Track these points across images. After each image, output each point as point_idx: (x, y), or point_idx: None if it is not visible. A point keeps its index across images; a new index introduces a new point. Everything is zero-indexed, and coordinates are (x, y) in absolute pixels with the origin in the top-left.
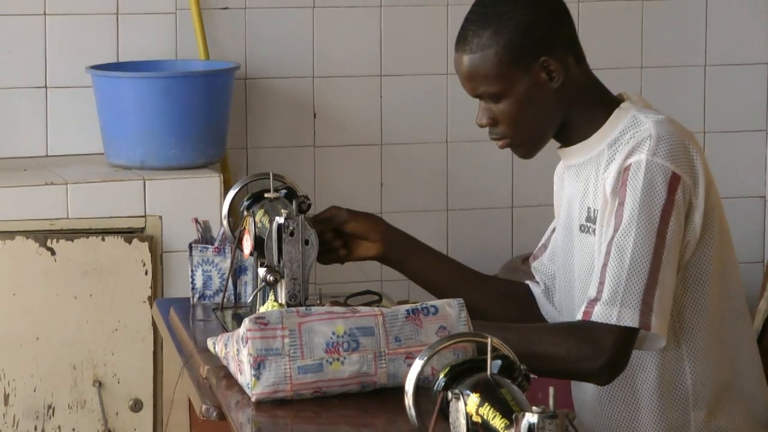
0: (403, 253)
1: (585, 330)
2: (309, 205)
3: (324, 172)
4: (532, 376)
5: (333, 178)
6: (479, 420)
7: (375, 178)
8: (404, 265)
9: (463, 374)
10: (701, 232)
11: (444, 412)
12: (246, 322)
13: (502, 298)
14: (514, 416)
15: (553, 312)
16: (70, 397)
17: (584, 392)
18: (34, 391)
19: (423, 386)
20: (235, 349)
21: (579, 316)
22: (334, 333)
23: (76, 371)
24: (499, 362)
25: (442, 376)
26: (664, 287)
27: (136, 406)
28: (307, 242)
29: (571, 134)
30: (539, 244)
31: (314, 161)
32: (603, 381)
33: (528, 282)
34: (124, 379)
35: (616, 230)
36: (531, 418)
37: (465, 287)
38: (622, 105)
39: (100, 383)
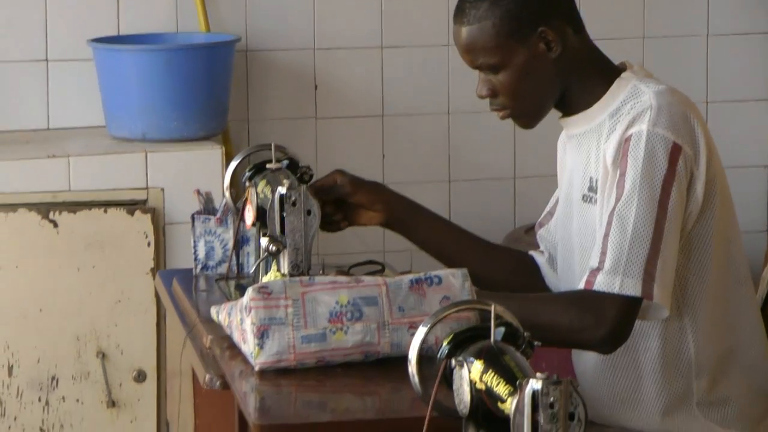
0: (407, 222)
1: (587, 299)
2: (311, 176)
3: (325, 144)
4: (535, 343)
5: (334, 149)
6: (483, 387)
7: (377, 150)
8: (409, 233)
9: (466, 342)
10: (703, 201)
11: (447, 380)
12: (249, 292)
13: (506, 266)
14: (518, 383)
15: (556, 281)
16: (73, 368)
17: (585, 362)
18: (38, 362)
19: (426, 355)
20: (239, 318)
21: (581, 286)
22: (337, 303)
23: (79, 343)
24: (502, 329)
25: (445, 343)
26: (666, 257)
27: (140, 377)
28: (309, 212)
29: (571, 104)
30: (545, 212)
31: (316, 133)
32: (606, 350)
33: (531, 252)
34: (128, 351)
35: (617, 201)
36: (535, 384)
37: (469, 255)
38: (623, 75)
39: (103, 354)
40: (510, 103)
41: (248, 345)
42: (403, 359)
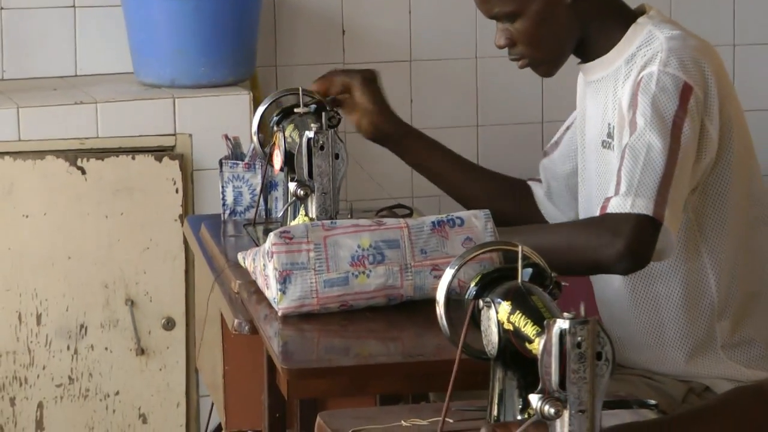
0: (395, 142)
1: (603, 220)
2: (339, 120)
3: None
4: (563, 284)
5: None
6: (511, 327)
7: (405, 95)
8: (402, 155)
9: (493, 283)
10: (719, 145)
11: (475, 321)
12: (271, 237)
13: (501, 193)
14: (545, 323)
15: (554, 212)
16: (102, 316)
17: (609, 307)
18: (66, 310)
19: (450, 298)
20: (262, 264)
21: (597, 212)
22: (359, 246)
23: (107, 290)
24: (530, 270)
25: (473, 284)
26: (678, 186)
27: (169, 324)
28: (337, 156)
29: (589, 50)
30: (552, 141)
31: None
32: (623, 268)
33: (529, 182)
34: (156, 298)
35: (630, 136)
36: (562, 324)
37: (465, 179)
38: (639, 20)
39: (132, 302)
40: (528, 51)
41: (271, 290)
42: (426, 302)
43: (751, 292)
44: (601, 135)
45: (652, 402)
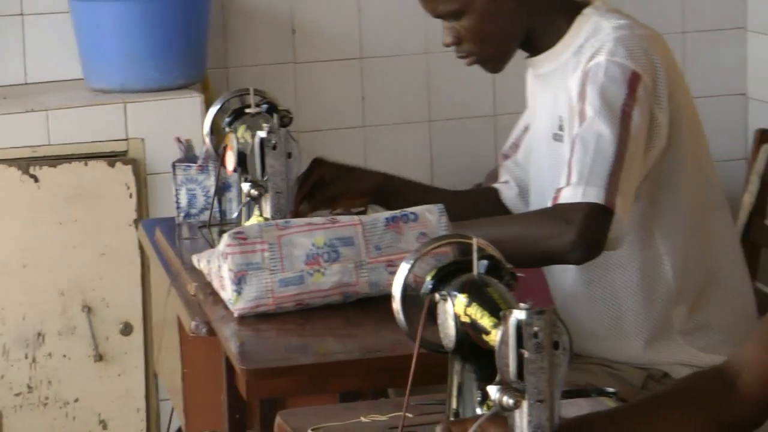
0: (388, 200)
1: (555, 210)
2: (291, 119)
3: (305, 88)
4: (519, 275)
5: (314, 93)
6: (467, 320)
7: (356, 92)
8: (389, 204)
9: (449, 276)
10: (670, 131)
11: (432, 315)
12: (225, 238)
13: (476, 208)
14: (501, 314)
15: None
16: (59, 323)
17: (564, 297)
18: (23, 319)
19: (407, 293)
20: (217, 265)
21: (549, 204)
22: (314, 244)
23: (64, 297)
24: (485, 262)
25: (429, 278)
26: (629, 174)
27: (126, 329)
28: (289, 155)
29: (536, 44)
30: (510, 142)
31: (295, 77)
32: (576, 257)
33: (496, 186)
34: (113, 304)
35: (579, 125)
36: (519, 314)
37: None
38: (584, 11)
39: (89, 308)
40: (475, 48)
41: (227, 291)
42: (382, 299)
43: (706, 277)
44: (552, 128)
45: (611, 390)
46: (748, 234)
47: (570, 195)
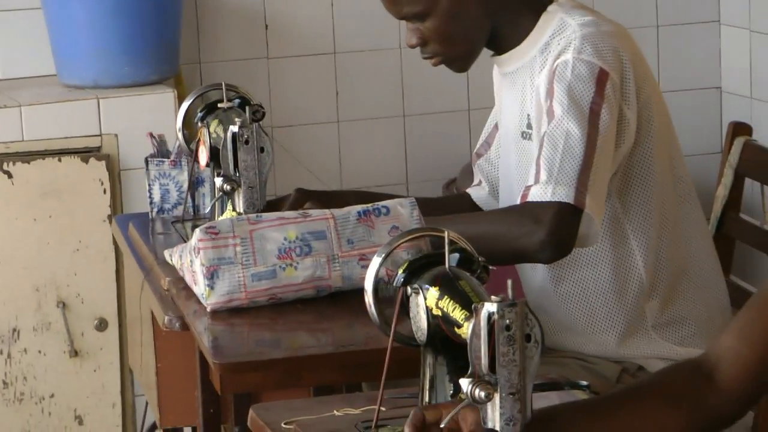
0: None
1: (524, 209)
2: (263, 114)
3: (279, 84)
4: (491, 267)
5: (288, 89)
6: (439, 313)
7: (330, 87)
8: None
9: (421, 269)
10: (639, 128)
11: (404, 308)
12: (197, 233)
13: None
14: (473, 307)
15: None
16: (34, 319)
17: (537, 297)
18: None
19: (379, 287)
20: (189, 260)
21: (517, 201)
22: (286, 239)
23: (39, 293)
24: (457, 255)
25: (401, 271)
26: (598, 171)
27: (101, 325)
28: (262, 150)
29: (502, 42)
30: (480, 141)
31: (268, 73)
32: (546, 257)
33: (468, 190)
34: (88, 299)
35: (548, 124)
36: (490, 307)
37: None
38: (549, 8)
39: (64, 304)
40: (440, 49)
41: (199, 286)
42: (355, 293)
43: (678, 270)
44: (521, 126)
45: (584, 383)
46: (721, 227)
47: (539, 194)
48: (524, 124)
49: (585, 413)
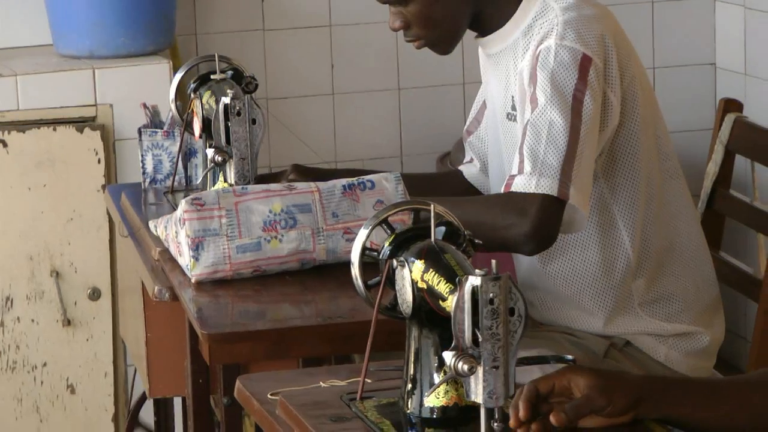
0: None
1: (509, 199)
2: (256, 85)
3: (274, 56)
4: (477, 241)
5: (284, 61)
6: (424, 286)
7: (326, 60)
8: None
9: (407, 242)
10: (624, 107)
11: (390, 280)
12: (183, 204)
13: (441, 192)
14: (457, 280)
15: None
16: (28, 288)
17: (524, 273)
18: None
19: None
20: (174, 231)
21: (501, 190)
22: (271, 211)
23: (32, 262)
24: (443, 229)
25: (387, 244)
26: (582, 161)
27: (94, 294)
28: (254, 121)
29: (484, 24)
30: (470, 118)
31: (264, 45)
32: (530, 249)
33: (460, 167)
34: (82, 269)
35: (531, 112)
36: (474, 280)
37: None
38: None
39: (57, 273)
40: (423, 32)
41: (184, 258)
42: (339, 266)
43: (665, 248)
44: (506, 108)
45: (570, 357)
46: (711, 203)
47: (523, 184)
48: (509, 106)
49: (695, 394)
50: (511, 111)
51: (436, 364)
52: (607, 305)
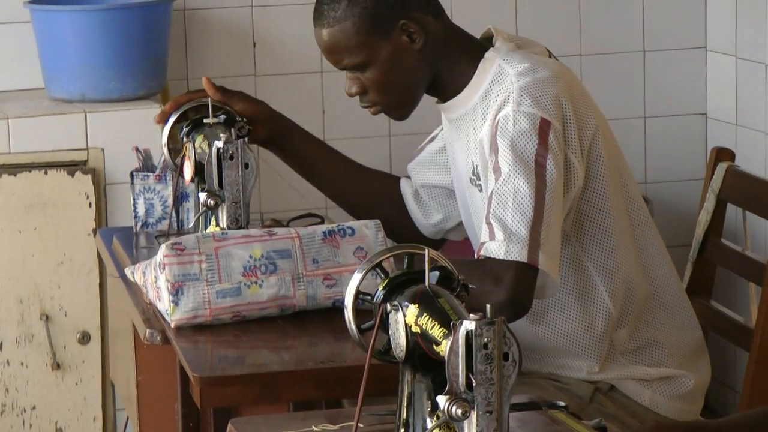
0: (288, 136)
1: (486, 267)
2: (249, 130)
3: (266, 101)
4: (471, 286)
5: (275, 106)
6: (418, 330)
7: (317, 106)
8: (289, 148)
9: (401, 286)
10: (589, 166)
11: (383, 324)
12: (162, 248)
13: (377, 193)
14: (451, 324)
15: (418, 215)
16: (17, 331)
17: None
18: None
19: (338, 307)
20: (153, 276)
21: (475, 256)
22: (251, 256)
23: (22, 305)
24: (437, 273)
25: (380, 288)
26: (550, 225)
27: (84, 338)
28: (246, 166)
29: (443, 90)
30: (421, 146)
31: (255, 90)
32: (508, 315)
33: (403, 178)
34: (71, 312)
35: (496, 182)
36: (469, 325)
37: (344, 177)
38: (487, 55)
39: (47, 317)
40: (380, 98)
41: (163, 302)
42: (319, 312)
43: (644, 296)
44: (468, 172)
45: (562, 403)
46: (703, 252)
47: (494, 251)
48: (470, 171)
49: None
50: (472, 176)
51: (428, 409)
52: (590, 356)
